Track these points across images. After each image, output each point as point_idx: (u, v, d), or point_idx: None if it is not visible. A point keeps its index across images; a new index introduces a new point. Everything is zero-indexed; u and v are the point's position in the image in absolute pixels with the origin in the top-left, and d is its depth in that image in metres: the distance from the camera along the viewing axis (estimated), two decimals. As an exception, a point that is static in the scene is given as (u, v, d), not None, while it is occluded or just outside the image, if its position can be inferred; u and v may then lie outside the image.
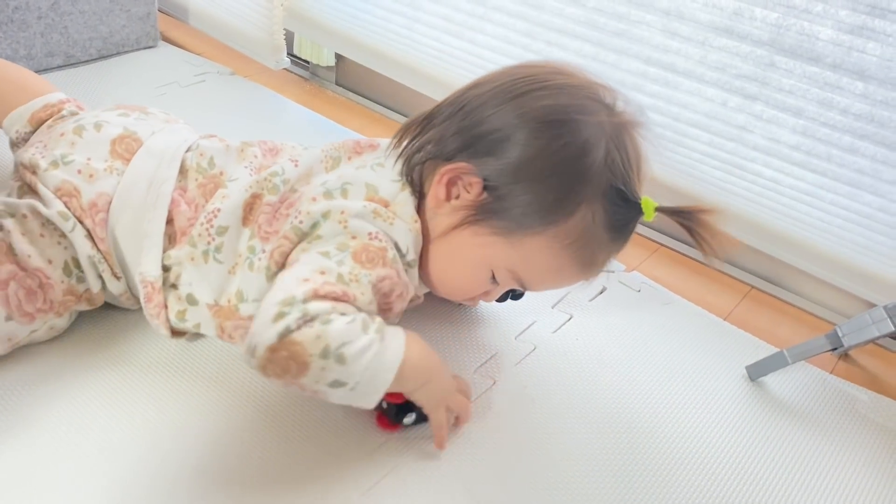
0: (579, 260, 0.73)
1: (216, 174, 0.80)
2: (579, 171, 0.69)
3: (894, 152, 0.94)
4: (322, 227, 0.71)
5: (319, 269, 0.67)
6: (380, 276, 0.69)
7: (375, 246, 0.70)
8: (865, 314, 0.89)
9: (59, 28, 1.35)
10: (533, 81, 0.71)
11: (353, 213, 0.71)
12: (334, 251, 0.69)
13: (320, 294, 0.64)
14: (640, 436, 0.81)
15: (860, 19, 0.91)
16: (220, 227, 0.76)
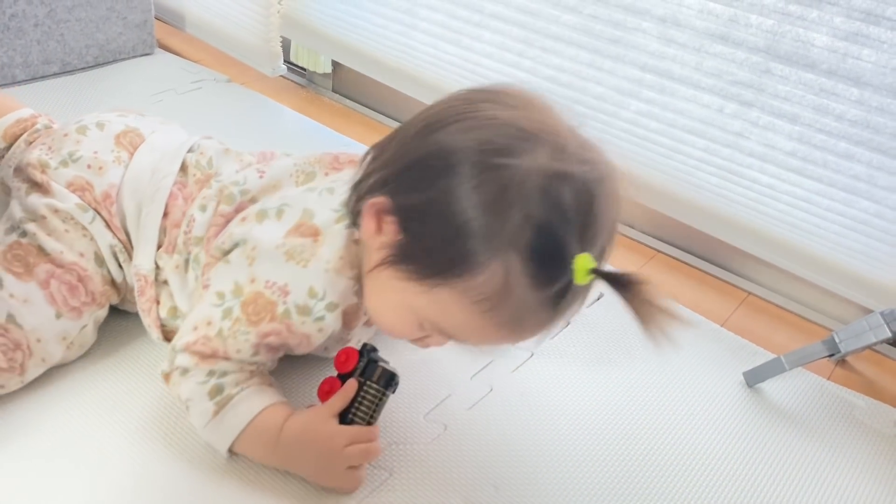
0: (498, 322, 0.62)
1: (212, 173, 0.80)
2: (493, 220, 0.58)
3: (890, 158, 0.95)
4: (234, 253, 0.71)
5: (207, 318, 0.69)
6: (263, 332, 0.68)
7: (266, 298, 0.68)
8: (862, 320, 0.89)
9: (55, 36, 1.35)
10: (462, 112, 0.62)
11: (264, 252, 0.69)
12: (228, 294, 0.69)
13: (193, 350, 0.69)
14: (637, 442, 0.81)
15: (855, 26, 0.92)
16: (197, 238, 0.75)
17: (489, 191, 0.58)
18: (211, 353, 0.69)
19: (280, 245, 0.68)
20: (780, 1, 0.96)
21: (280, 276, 0.68)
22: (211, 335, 0.68)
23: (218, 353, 0.69)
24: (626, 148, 1.16)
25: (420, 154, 0.63)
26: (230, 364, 0.69)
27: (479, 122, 0.61)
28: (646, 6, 1.06)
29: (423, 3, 1.29)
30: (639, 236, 1.21)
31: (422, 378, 0.84)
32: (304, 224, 0.70)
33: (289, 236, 0.69)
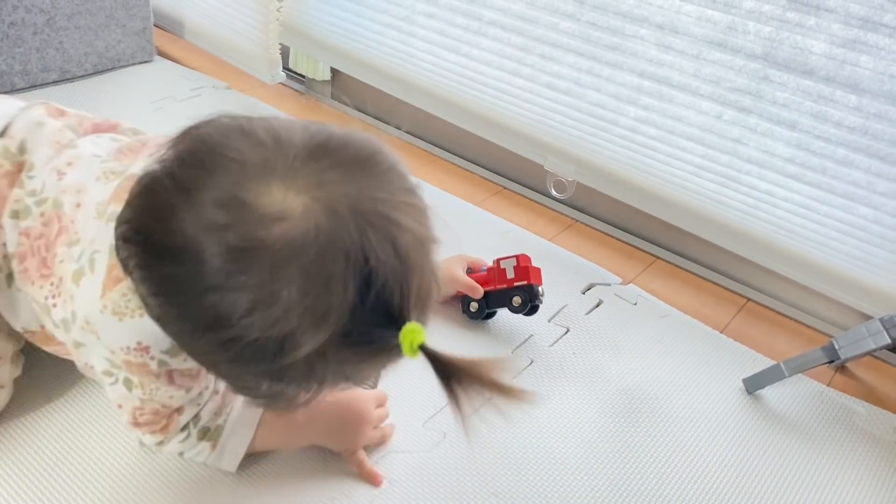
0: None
1: (22, 161, 0.67)
2: None
3: (888, 164, 0.95)
4: (74, 332, 0.62)
5: (118, 399, 0.64)
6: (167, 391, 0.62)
7: (134, 362, 0.59)
8: (862, 326, 0.89)
9: (54, 43, 1.35)
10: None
11: (97, 323, 0.59)
12: (112, 369, 0.62)
13: (140, 423, 0.66)
14: (637, 449, 0.81)
15: (853, 33, 0.92)
16: (11, 253, 0.66)
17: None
18: (158, 417, 0.65)
19: (103, 308, 0.58)
20: (778, 8, 0.96)
21: (126, 339, 0.59)
22: (136, 407, 0.64)
23: (160, 413, 0.65)
24: (625, 154, 1.16)
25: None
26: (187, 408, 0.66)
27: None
28: (644, 13, 1.06)
29: (422, 11, 1.30)
30: (638, 242, 1.21)
31: (421, 386, 0.84)
32: (114, 267, 0.58)
33: (105, 294, 0.58)
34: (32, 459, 0.70)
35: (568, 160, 1.23)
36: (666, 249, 1.20)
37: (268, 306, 0.46)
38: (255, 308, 0.46)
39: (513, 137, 1.28)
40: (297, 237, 0.45)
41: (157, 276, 0.50)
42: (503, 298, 0.92)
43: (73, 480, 0.68)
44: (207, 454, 0.68)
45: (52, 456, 0.70)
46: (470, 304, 0.94)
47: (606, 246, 1.20)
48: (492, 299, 0.92)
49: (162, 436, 0.66)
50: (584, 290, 1.05)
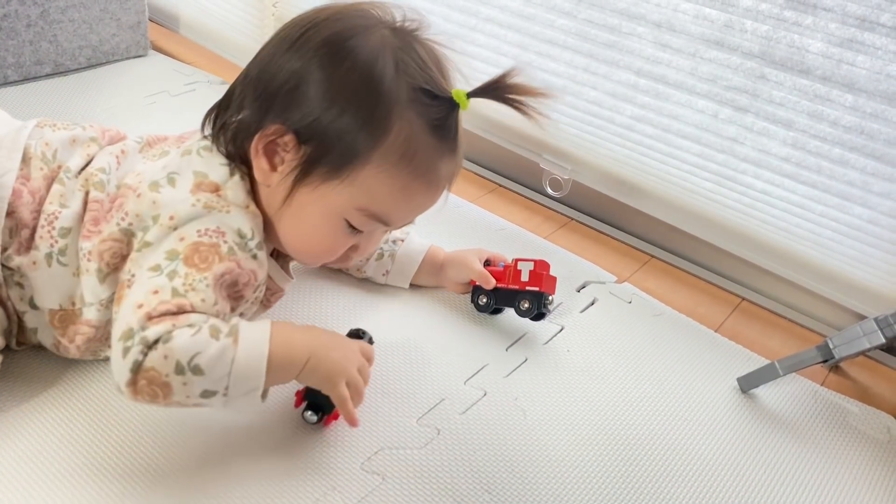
0: (418, 173, 0.71)
1: (56, 168, 0.75)
2: (374, 86, 0.69)
3: (884, 164, 0.95)
4: (151, 232, 0.68)
5: (152, 289, 0.64)
6: (217, 273, 0.67)
7: (206, 243, 0.67)
8: (856, 326, 0.89)
9: (48, 36, 1.34)
10: (304, 23, 0.72)
11: (183, 213, 0.68)
12: (164, 262, 0.66)
13: (154, 316, 0.63)
14: (631, 448, 0.80)
15: (850, 32, 0.92)
16: (63, 229, 0.72)
17: (359, 64, 0.69)
18: (178, 310, 0.63)
19: (195, 202, 0.69)
20: (775, 7, 0.96)
21: (209, 223, 0.68)
22: (167, 298, 0.63)
23: (184, 306, 0.64)
24: (621, 153, 1.16)
25: (290, 68, 0.70)
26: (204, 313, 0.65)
27: (324, 24, 0.71)
28: (641, 11, 1.06)
29: (417, 7, 1.29)
30: (633, 241, 1.21)
31: (415, 382, 0.84)
32: (202, 182, 0.71)
33: (196, 193, 0.70)
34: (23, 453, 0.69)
35: (564, 158, 1.23)
36: (661, 248, 1.20)
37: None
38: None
39: (508, 135, 1.27)
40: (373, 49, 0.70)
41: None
42: (512, 298, 0.92)
43: (63, 476, 0.68)
44: (231, 354, 0.63)
45: (43, 451, 0.70)
46: (480, 297, 0.94)
47: (601, 244, 1.20)
48: (501, 296, 0.92)
49: (171, 322, 0.62)
50: (578, 289, 1.05)
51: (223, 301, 0.68)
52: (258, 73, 0.72)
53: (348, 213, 0.72)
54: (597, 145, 1.18)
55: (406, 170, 0.71)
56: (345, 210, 0.72)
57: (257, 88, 0.72)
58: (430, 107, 0.70)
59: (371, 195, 0.71)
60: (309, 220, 0.73)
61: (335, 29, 0.70)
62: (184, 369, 0.61)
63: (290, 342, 0.68)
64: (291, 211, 0.72)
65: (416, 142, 0.70)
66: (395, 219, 0.75)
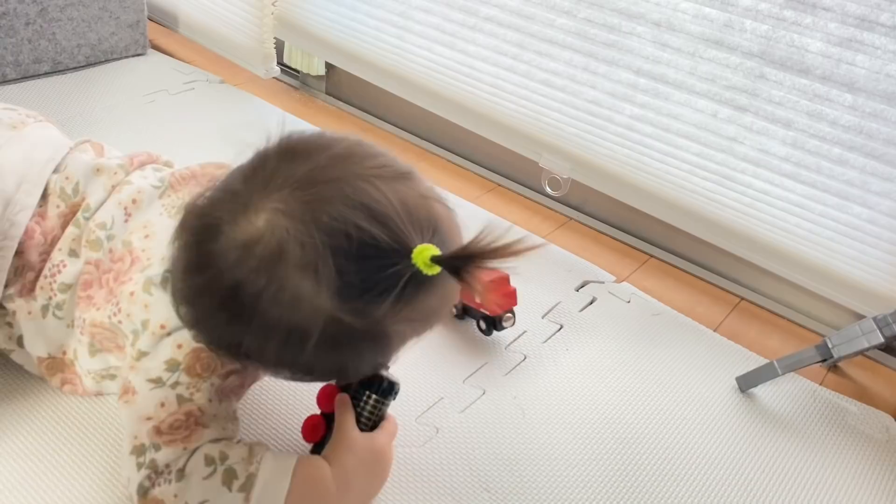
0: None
1: (77, 202, 0.71)
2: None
3: (883, 164, 0.95)
4: (143, 340, 0.64)
5: (159, 401, 0.62)
6: (224, 374, 0.63)
7: (206, 353, 0.62)
8: (855, 325, 0.89)
9: (47, 34, 1.34)
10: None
11: (175, 324, 0.63)
12: (165, 374, 0.62)
13: (163, 430, 0.61)
14: (630, 447, 0.80)
15: (849, 32, 0.92)
16: (63, 285, 0.69)
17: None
18: (186, 418, 0.61)
19: None
20: (774, 6, 0.96)
21: None
22: (174, 409, 0.61)
23: (193, 412, 0.61)
24: (620, 152, 1.16)
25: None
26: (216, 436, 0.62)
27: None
28: (640, 10, 1.06)
29: (418, 6, 1.29)
30: (632, 240, 1.21)
31: (414, 381, 0.84)
32: None
33: None
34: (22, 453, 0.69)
35: (563, 157, 1.23)
36: (660, 248, 1.20)
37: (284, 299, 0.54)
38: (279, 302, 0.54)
39: (508, 134, 1.27)
40: (274, 248, 0.54)
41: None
42: (472, 314, 0.91)
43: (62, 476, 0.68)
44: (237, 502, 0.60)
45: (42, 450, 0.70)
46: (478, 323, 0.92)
47: (600, 244, 1.20)
48: (465, 308, 0.92)
49: (183, 445, 0.60)
50: (577, 288, 1.05)
51: (227, 401, 0.65)
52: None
53: None
54: (596, 144, 1.18)
55: None
56: None
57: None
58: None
59: None
60: None
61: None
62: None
63: (320, 480, 0.63)
64: None
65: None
66: None
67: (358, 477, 0.65)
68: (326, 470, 0.63)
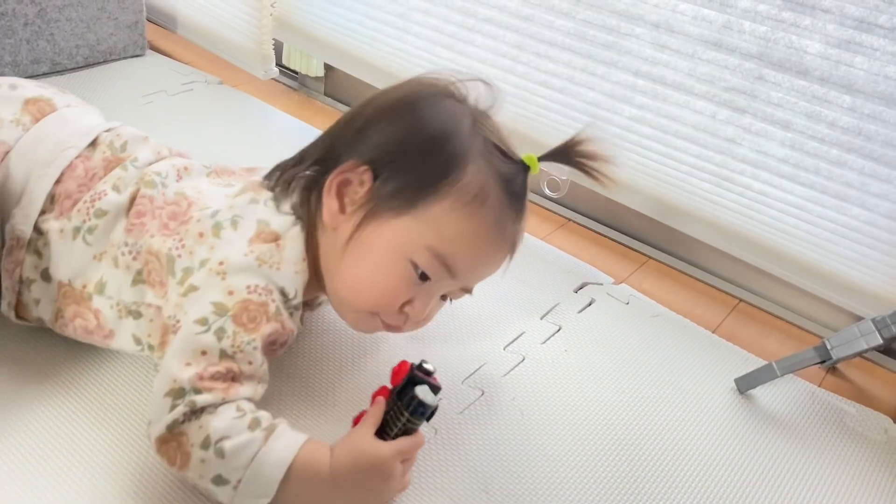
0: (488, 220, 0.70)
1: (123, 156, 0.77)
2: (451, 129, 0.71)
3: (881, 165, 0.95)
4: (195, 275, 0.68)
5: (200, 348, 0.64)
6: (265, 334, 0.66)
7: (255, 301, 0.67)
8: (854, 327, 0.89)
9: (45, 35, 1.34)
10: (380, 94, 0.76)
11: (235, 263, 0.67)
12: (212, 317, 0.65)
13: (205, 378, 0.63)
14: (629, 448, 0.80)
15: (848, 33, 0.92)
16: (100, 210, 0.73)
17: (442, 112, 0.72)
18: (227, 374, 0.64)
19: (248, 252, 0.68)
20: (773, 8, 0.96)
21: (259, 279, 0.68)
22: (215, 360, 0.64)
23: (233, 370, 0.64)
24: (619, 153, 1.16)
25: (369, 115, 0.73)
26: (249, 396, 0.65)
27: (404, 87, 0.75)
28: (639, 12, 1.06)
29: (417, 7, 1.29)
30: (630, 242, 1.21)
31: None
32: (263, 231, 0.71)
33: (253, 244, 0.69)
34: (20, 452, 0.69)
35: (561, 159, 1.22)
36: (658, 249, 1.20)
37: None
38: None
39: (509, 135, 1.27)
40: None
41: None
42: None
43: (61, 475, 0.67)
44: (255, 448, 0.62)
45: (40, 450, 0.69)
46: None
47: (599, 245, 1.20)
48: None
49: (221, 395, 0.62)
50: (576, 289, 1.05)
51: (264, 361, 0.68)
52: (332, 130, 0.76)
53: (416, 251, 0.69)
54: (600, 135, 1.18)
55: (477, 214, 0.70)
56: (413, 248, 0.69)
57: (331, 141, 0.75)
58: (501, 163, 0.72)
59: (441, 234, 0.69)
60: (373, 257, 0.71)
61: (413, 89, 0.74)
62: (208, 445, 0.61)
63: (319, 462, 0.64)
64: (355, 250, 0.71)
65: (488, 188, 0.70)
66: (462, 267, 0.71)
67: (347, 476, 0.65)
68: (326, 457, 0.65)
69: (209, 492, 0.63)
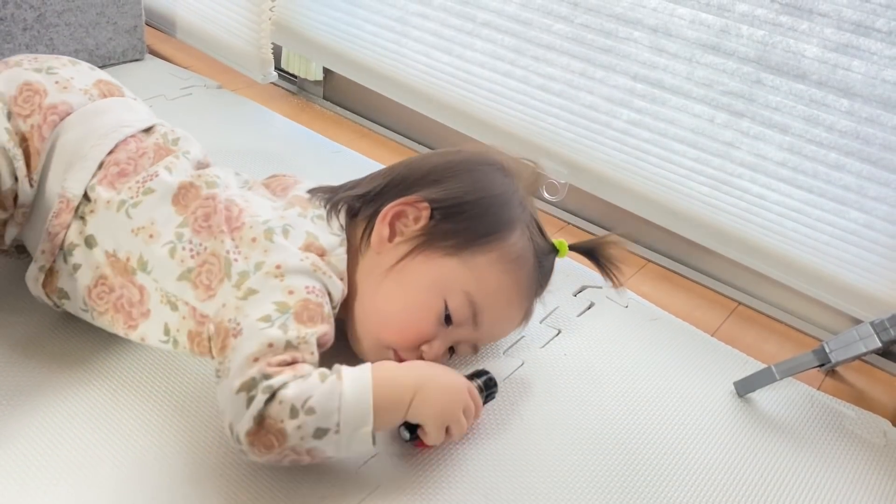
0: (521, 283, 0.79)
1: (175, 149, 0.81)
2: (509, 199, 0.80)
3: (879, 169, 0.95)
4: (252, 279, 0.70)
5: (267, 341, 0.66)
6: (321, 332, 0.69)
7: (314, 301, 0.70)
8: (853, 330, 0.89)
9: (44, 40, 1.34)
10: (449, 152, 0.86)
11: (292, 266, 0.71)
12: (275, 314, 0.67)
13: (273, 365, 0.65)
14: (628, 452, 0.80)
15: (845, 37, 0.92)
16: (149, 188, 0.75)
17: (499, 179, 0.80)
18: (292, 361, 0.66)
19: (303, 258, 0.72)
20: (771, 12, 0.96)
21: (316, 282, 0.71)
22: (280, 350, 0.66)
23: (297, 358, 0.67)
24: (617, 157, 1.16)
25: (429, 166, 0.81)
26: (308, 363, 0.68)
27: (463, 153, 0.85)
28: (637, 16, 1.06)
29: (415, 12, 1.29)
30: (629, 245, 1.21)
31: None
32: (312, 244, 0.74)
33: (306, 251, 0.73)
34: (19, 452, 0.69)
35: (560, 162, 1.23)
36: (657, 252, 1.20)
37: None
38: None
39: (505, 139, 1.27)
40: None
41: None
42: None
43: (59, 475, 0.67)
44: (339, 385, 0.65)
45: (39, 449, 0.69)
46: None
47: (598, 248, 1.20)
48: None
49: (291, 373, 0.64)
50: (575, 293, 1.05)
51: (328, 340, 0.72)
52: (390, 171, 0.83)
53: (454, 292, 0.76)
54: (593, 150, 1.18)
55: (514, 274, 0.78)
56: (452, 288, 0.76)
57: (397, 178, 0.81)
58: (539, 239, 0.81)
59: (480, 282, 0.76)
60: (413, 287, 0.76)
61: (480, 155, 0.84)
62: (297, 412, 0.63)
63: (394, 376, 0.70)
64: (397, 276, 0.76)
65: (527, 255, 0.79)
66: (486, 319, 0.78)
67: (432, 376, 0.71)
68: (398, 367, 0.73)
69: (314, 451, 0.65)
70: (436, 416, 0.71)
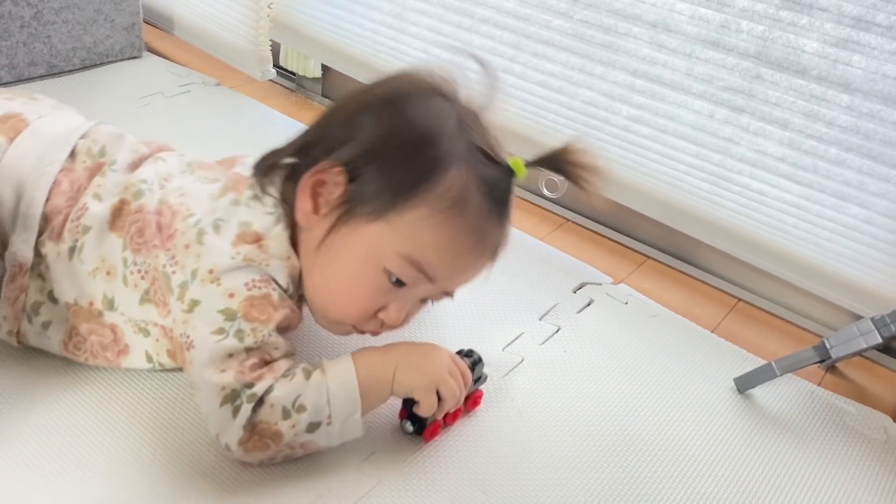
0: (467, 228, 0.69)
1: (102, 161, 0.77)
2: (432, 132, 0.68)
3: (880, 164, 0.95)
4: (192, 289, 0.68)
5: (226, 353, 0.66)
6: (278, 321, 0.68)
7: (258, 296, 0.68)
8: (853, 326, 0.89)
9: (42, 37, 1.33)
10: (368, 84, 0.75)
11: (224, 267, 0.68)
12: (226, 324, 0.66)
13: (247, 371, 0.65)
14: (628, 449, 0.80)
15: (845, 32, 0.92)
16: (85, 227, 0.72)
17: (424, 113, 0.69)
18: (262, 363, 0.67)
19: (234, 255, 0.68)
20: (771, 7, 0.96)
21: (253, 275, 0.68)
22: (243, 357, 0.66)
23: (265, 359, 0.67)
24: (617, 153, 1.16)
25: (349, 114, 0.72)
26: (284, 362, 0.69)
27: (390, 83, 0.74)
28: (637, 11, 1.06)
29: (414, 8, 1.29)
30: (629, 242, 1.21)
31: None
32: (245, 233, 0.70)
33: (236, 246, 0.69)
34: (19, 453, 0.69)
35: (559, 159, 1.22)
36: (657, 249, 1.20)
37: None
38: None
39: (504, 135, 1.27)
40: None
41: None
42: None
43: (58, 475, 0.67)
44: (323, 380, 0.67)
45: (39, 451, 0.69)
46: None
47: (598, 245, 1.20)
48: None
49: (271, 377, 0.65)
50: (575, 289, 1.04)
51: (287, 340, 0.70)
52: (320, 121, 0.75)
53: (389, 258, 0.69)
54: (592, 146, 1.18)
55: (454, 220, 0.68)
56: (385, 255, 0.69)
57: (313, 135, 0.74)
58: (486, 167, 0.69)
59: (416, 240, 0.68)
60: (342, 265, 0.70)
61: (399, 86, 0.72)
62: (290, 413, 0.65)
63: (373, 359, 0.71)
64: (325, 255, 0.70)
65: (468, 194, 0.68)
66: (439, 273, 0.71)
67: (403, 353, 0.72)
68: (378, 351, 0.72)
69: (308, 444, 0.67)
70: (420, 382, 0.71)
